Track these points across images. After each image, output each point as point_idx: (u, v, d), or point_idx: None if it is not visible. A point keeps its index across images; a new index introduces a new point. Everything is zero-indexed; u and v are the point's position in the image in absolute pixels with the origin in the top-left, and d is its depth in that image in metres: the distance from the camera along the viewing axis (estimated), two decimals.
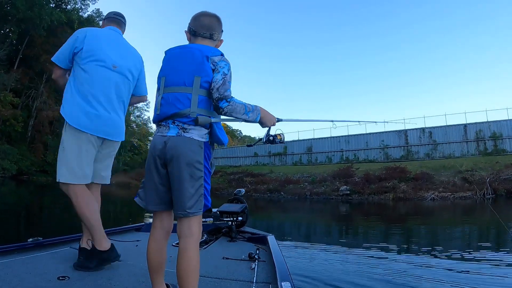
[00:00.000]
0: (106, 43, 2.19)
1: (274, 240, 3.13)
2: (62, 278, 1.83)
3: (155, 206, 1.57)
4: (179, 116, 1.50)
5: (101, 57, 2.12)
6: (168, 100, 1.53)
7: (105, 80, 2.13)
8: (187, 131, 1.50)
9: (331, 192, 20.69)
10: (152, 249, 1.56)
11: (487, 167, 18.76)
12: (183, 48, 1.63)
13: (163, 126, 1.55)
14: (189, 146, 1.49)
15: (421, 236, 7.70)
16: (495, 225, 7.77)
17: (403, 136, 25.47)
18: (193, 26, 1.68)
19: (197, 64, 1.53)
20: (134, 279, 1.95)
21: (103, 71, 2.12)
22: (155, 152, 1.53)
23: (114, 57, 2.18)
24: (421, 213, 12.98)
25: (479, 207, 14.14)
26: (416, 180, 19.04)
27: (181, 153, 1.47)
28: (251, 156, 33.22)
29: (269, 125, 1.69)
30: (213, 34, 1.68)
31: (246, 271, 2.28)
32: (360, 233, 8.49)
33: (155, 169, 1.54)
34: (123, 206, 15.50)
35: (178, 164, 1.47)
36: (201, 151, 1.52)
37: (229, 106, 1.47)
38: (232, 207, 3.91)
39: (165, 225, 1.60)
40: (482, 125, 22.90)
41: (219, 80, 1.49)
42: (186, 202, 1.46)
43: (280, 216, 12.92)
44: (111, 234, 3.24)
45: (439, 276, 3.87)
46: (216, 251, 2.90)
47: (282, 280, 1.85)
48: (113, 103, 2.18)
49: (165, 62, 1.65)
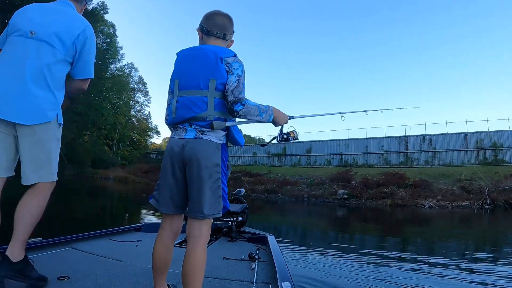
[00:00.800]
0: (33, 11, 1.81)
1: (274, 240, 3.13)
2: (62, 278, 1.83)
3: (168, 209, 1.55)
4: (197, 119, 1.49)
5: (18, 26, 1.74)
6: (184, 103, 1.52)
7: (15, 51, 1.70)
8: (205, 134, 1.50)
9: (328, 196, 20.65)
10: (159, 249, 1.55)
11: (486, 177, 18.70)
12: (196, 50, 1.60)
13: (180, 128, 1.54)
14: (208, 148, 1.49)
15: (418, 244, 7.66)
16: (491, 236, 7.73)
17: (403, 142, 25.46)
18: (207, 25, 1.65)
19: (212, 66, 1.51)
20: (134, 279, 1.94)
21: (16, 41, 1.72)
22: (172, 154, 1.52)
23: (34, 23, 1.75)
24: (419, 220, 12.94)
25: (476, 217, 14.10)
26: (414, 187, 19.02)
27: (200, 155, 1.46)
28: (249, 155, 33.15)
29: (282, 123, 1.70)
30: (226, 34, 1.67)
31: (246, 271, 2.28)
32: (357, 237, 8.46)
33: (172, 172, 1.53)
34: (119, 202, 15.46)
35: (198, 166, 1.46)
36: (219, 153, 1.52)
37: (244, 109, 1.47)
38: (232, 207, 3.87)
39: (174, 227, 1.60)
40: (482, 134, 22.91)
41: (233, 82, 1.48)
42: (205, 205, 1.45)
43: (277, 218, 12.87)
44: (111, 235, 3.25)
45: (431, 284, 3.92)
46: (216, 251, 2.89)
47: (282, 280, 1.85)
48: (25, 79, 1.66)
49: (178, 64, 1.63)
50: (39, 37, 1.72)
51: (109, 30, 42.47)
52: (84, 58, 1.88)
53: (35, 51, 1.70)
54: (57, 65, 1.77)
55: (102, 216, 2.81)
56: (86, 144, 37.04)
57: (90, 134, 39.44)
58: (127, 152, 45.43)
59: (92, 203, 13.13)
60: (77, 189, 19.48)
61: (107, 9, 37.64)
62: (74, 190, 18.70)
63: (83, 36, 1.84)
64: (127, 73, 49.01)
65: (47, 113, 1.73)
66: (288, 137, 1.77)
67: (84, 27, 1.86)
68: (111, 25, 42.52)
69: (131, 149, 46.99)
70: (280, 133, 1.76)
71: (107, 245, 2.86)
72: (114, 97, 44.50)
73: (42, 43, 1.72)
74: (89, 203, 13.26)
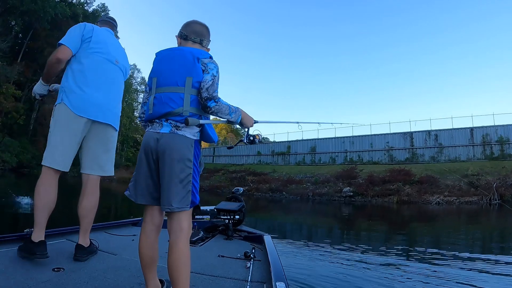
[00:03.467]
0: (109, 40, 2.45)
1: (270, 240, 3.15)
2: (57, 270, 1.86)
3: (144, 199, 1.60)
4: (173, 114, 1.56)
5: (107, 51, 2.36)
6: (161, 99, 1.59)
7: (109, 72, 2.37)
8: (180, 129, 1.57)
9: (334, 193, 20.41)
10: (143, 244, 1.60)
11: (493, 172, 18.44)
12: (175, 50, 1.69)
13: (156, 123, 1.61)
14: (181, 143, 1.55)
15: (425, 241, 7.43)
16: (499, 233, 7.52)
17: (409, 138, 25.15)
18: (185, 31, 1.77)
19: (189, 65, 1.60)
20: (128, 273, 1.97)
21: (108, 65, 2.36)
22: (147, 147, 1.58)
23: (115, 54, 2.44)
24: (426, 217, 12.71)
25: (485, 212, 13.85)
26: (421, 183, 18.73)
27: (173, 150, 1.53)
28: (254, 155, 32.99)
29: (249, 125, 1.80)
30: (203, 41, 1.78)
31: (241, 270, 2.31)
32: (361, 236, 8.27)
33: (147, 163, 1.59)
34: (123, 202, 15.39)
35: (170, 160, 1.52)
36: (192, 149, 1.58)
37: (216, 106, 1.58)
38: (229, 205, 3.93)
39: (155, 220, 1.63)
40: (488, 129, 22.53)
41: (208, 80, 1.58)
42: (172, 197, 1.50)
43: (282, 217, 12.71)
44: (108, 228, 3.30)
45: (439, 283, 3.81)
46: (212, 249, 2.92)
47: (277, 280, 1.87)
48: (113, 93, 2.40)
49: (156, 64, 1.71)
50: (120, 67, 2.49)
51: None
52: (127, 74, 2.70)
53: (119, 77, 2.50)
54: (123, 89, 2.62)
55: (102, 216, 2.78)
56: None
57: None
58: (131, 154, 45.50)
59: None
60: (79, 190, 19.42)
61: (107, 11, 37.75)
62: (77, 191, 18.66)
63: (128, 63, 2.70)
64: (129, 74, 49.10)
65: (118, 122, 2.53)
66: (254, 139, 1.89)
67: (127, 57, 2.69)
68: None
69: (135, 151, 47.04)
70: (247, 135, 1.89)
71: (103, 238, 2.89)
72: None
73: (121, 73, 2.52)
74: None
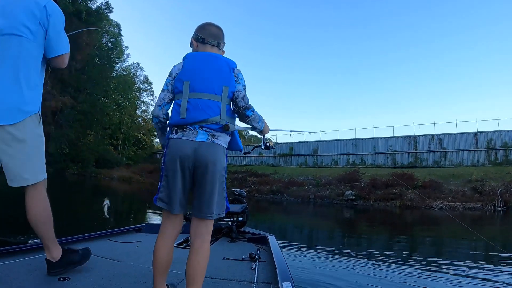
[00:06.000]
0: None
1: (274, 240, 3.15)
2: (63, 279, 1.86)
3: (180, 210, 1.59)
4: (209, 122, 1.55)
5: None
6: (198, 105, 1.56)
7: None
8: (216, 138, 1.57)
9: (335, 196, 20.25)
10: (161, 247, 1.58)
11: (497, 178, 18.25)
12: (209, 56, 1.67)
13: (190, 130, 1.56)
14: (219, 153, 1.57)
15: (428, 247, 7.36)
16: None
17: (412, 142, 24.97)
18: (202, 35, 1.73)
19: (225, 74, 1.62)
20: (134, 279, 1.97)
21: None
22: (183, 156, 1.52)
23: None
24: (429, 222, 12.54)
25: (489, 219, 13.67)
26: (424, 188, 18.52)
27: (216, 160, 1.53)
28: (256, 156, 32.86)
29: (267, 132, 1.88)
30: (220, 43, 1.76)
31: (246, 272, 2.31)
32: (364, 240, 8.19)
33: (182, 173, 1.54)
34: (123, 201, 15.31)
35: (213, 170, 1.52)
36: (225, 157, 1.62)
37: (253, 115, 1.67)
38: (232, 207, 3.87)
39: (177, 226, 1.64)
40: (493, 134, 22.34)
41: (241, 90, 1.64)
42: (214, 206, 1.54)
43: (282, 219, 12.59)
44: (112, 235, 3.28)
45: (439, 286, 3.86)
46: (216, 252, 2.88)
47: (283, 280, 1.88)
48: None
49: (188, 67, 1.64)
50: (3, 32, 1.66)
51: (114, 29, 42.62)
52: (54, 35, 1.80)
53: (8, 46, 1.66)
54: (34, 54, 1.75)
55: (103, 217, 2.82)
56: (90, 144, 36.95)
57: (94, 134, 39.41)
58: (132, 152, 45.42)
59: (94, 203, 12.96)
60: (79, 189, 19.39)
61: (111, 9, 37.73)
62: (76, 189, 18.62)
63: (48, 16, 1.76)
64: (132, 72, 49.15)
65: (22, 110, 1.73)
66: (269, 145, 2.00)
67: (44, 7, 1.75)
68: (116, 25, 42.70)
69: (136, 149, 47.00)
70: (264, 141, 1.98)
71: (108, 246, 2.87)
72: (119, 96, 44.52)
73: (8, 37, 1.66)
74: (90, 203, 13.08)
